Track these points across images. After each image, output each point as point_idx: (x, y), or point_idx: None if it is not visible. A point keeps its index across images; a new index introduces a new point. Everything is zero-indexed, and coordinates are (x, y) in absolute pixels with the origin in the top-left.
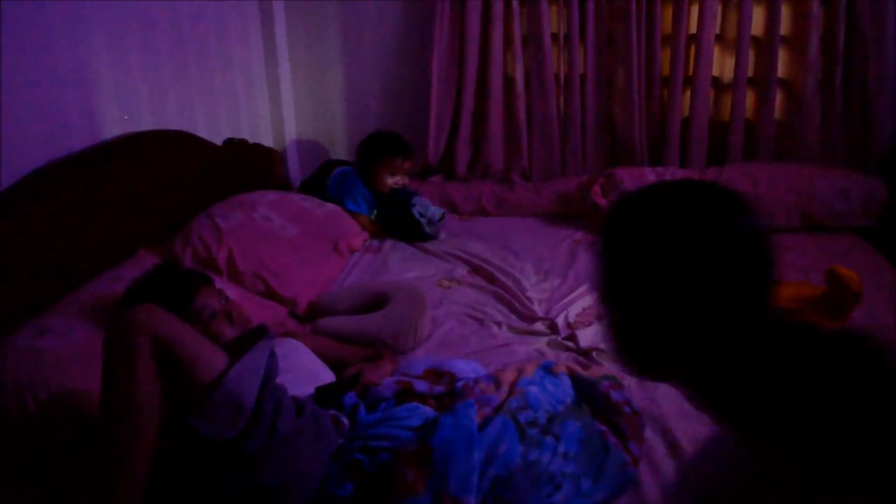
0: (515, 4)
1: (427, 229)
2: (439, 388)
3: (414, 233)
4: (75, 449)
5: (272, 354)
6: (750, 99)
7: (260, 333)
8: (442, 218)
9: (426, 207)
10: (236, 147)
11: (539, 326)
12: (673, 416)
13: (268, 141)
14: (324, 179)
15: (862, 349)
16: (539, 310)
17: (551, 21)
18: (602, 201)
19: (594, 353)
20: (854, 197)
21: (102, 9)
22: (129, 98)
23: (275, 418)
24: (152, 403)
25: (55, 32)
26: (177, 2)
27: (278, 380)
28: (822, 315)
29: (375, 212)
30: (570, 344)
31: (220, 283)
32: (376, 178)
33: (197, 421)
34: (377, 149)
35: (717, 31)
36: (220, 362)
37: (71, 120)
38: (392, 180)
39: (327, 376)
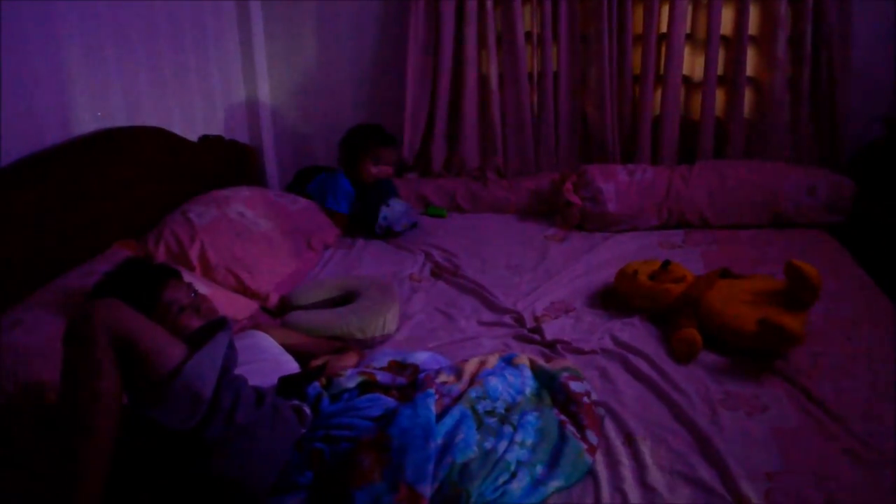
0: (489, 4)
1: (377, 229)
2: (401, 380)
3: (368, 226)
4: (41, 440)
5: (231, 346)
6: (720, 97)
7: (219, 325)
8: (411, 227)
9: (395, 215)
10: (212, 144)
11: (507, 319)
12: (633, 409)
13: (244, 138)
14: (303, 185)
15: None
16: (507, 303)
17: (525, 20)
18: (574, 198)
19: (558, 346)
20: (821, 194)
21: (76, 6)
22: (102, 95)
23: (233, 408)
24: (111, 394)
25: (28, 30)
26: (152, 0)
27: (243, 370)
28: (783, 309)
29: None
30: (536, 336)
31: (192, 277)
32: (361, 168)
33: (155, 411)
34: (361, 139)
35: (688, 30)
36: (179, 353)
37: (44, 117)
38: (377, 170)
39: (292, 368)
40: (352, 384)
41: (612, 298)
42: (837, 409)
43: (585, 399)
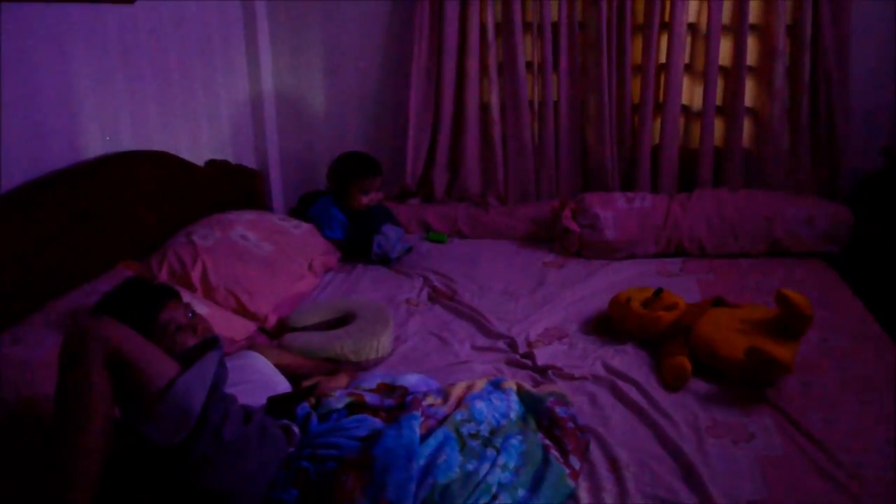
0: (491, 34)
1: (373, 257)
2: (390, 401)
3: (365, 252)
4: (37, 454)
5: (221, 364)
6: (719, 126)
7: (210, 344)
8: (406, 253)
9: (389, 242)
10: (218, 168)
11: (500, 344)
12: (619, 434)
13: (251, 163)
14: (306, 209)
15: None
16: (502, 328)
17: (525, 50)
18: (572, 225)
19: (550, 372)
20: (819, 224)
21: (85, 32)
22: (110, 119)
23: (221, 425)
24: (103, 409)
25: (38, 55)
26: (160, 25)
27: (235, 389)
28: (774, 338)
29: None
30: (528, 361)
31: (193, 298)
32: (351, 198)
33: (145, 426)
34: (346, 171)
35: (686, 60)
36: (171, 371)
37: (52, 141)
38: (367, 199)
39: (283, 388)
40: (340, 405)
41: (606, 325)
42: (825, 439)
43: (570, 424)
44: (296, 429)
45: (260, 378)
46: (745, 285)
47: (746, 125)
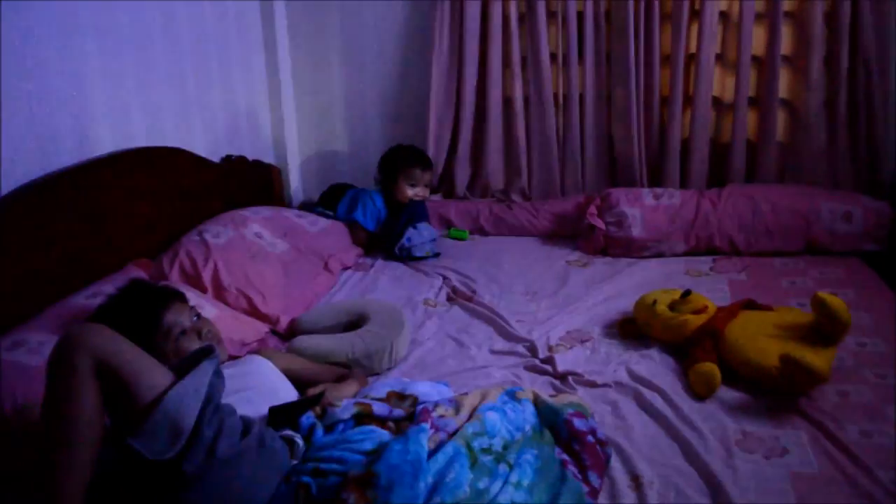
0: (514, 24)
1: (396, 250)
2: (399, 412)
3: (390, 245)
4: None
5: (218, 374)
6: (751, 119)
7: (205, 353)
8: (433, 256)
9: (421, 241)
10: (235, 164)
11: (519, 348)
12: (643, 448)
13: (269, 158)
14: (333, 201)
15: None
16: (522, 331)
17: (550, 41)
18: (598, 222)
19: (570, 378)
20: (858, 221)
21: (96, 26)
22: (122, 115)
23: (216, 440)
24: (92, 421)
25: (48, 49)
26: (174, 19)
27: (237, 398)
28: (809, 344)
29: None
30: (548, 367)
31: (203, 300)
32: (396, 188)
33: (135, 440)
34: (397, 160)
35: (718, 50)
36: (163, 382)
37: (62, 137)
38: (412, 192)
39: (289, 395)
40: (346, 415)
41: (631, 328)
42: (863, 455)
43: (590, 438)
44: (299, 440)
45: (264, 385)
46: (779, 286)
47: (781, 117)
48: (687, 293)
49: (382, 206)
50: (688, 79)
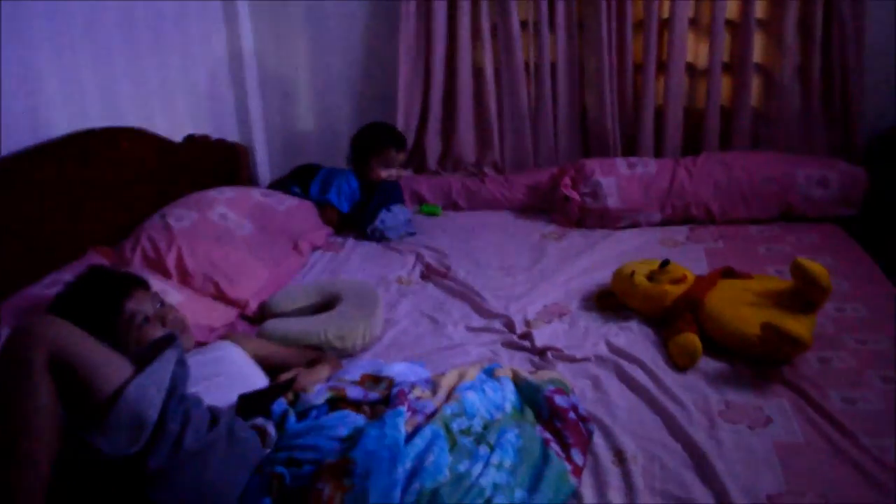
0: None
1: (369, 231)
2: (374, 395)
3: (362, 226)
4: None
5: (181, 363)
6: (725, 85)
7: (167, 341)
8: (407, 236)
9: (395, 223)
10: (198, 143)
11: (496, 325)
12: (625, 423)
13: (234, 137)
14: (302, 182)
15: None
16: (498, 307)
17: (520, 9)
18: (572, 194)
19: (549, 353)
20: (834, 186)
21: (46, 6)
22: (76, 94)
23: (181, 433)
24: (48, 419)
25: None
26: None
27: (204, 386)
28: (790, 311)
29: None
30: (526, 343)
31: (168, 286)
32: (370, 168)
33: (94, 437)
34: (371, 140)
35: (691, 14)
36: (123, 374)
37: (10, 121)
38: (386, 172)
39: (259, 382)
40: (320, 400)
41: (609, 300)
42: (847, 422)
43: (572, 414)
44: (271, 429)
45: (233, 371)
46: (756, 253)
47: (755, 83)
48: (665, 263)
49: (357, 187)
50: (661, 45)
